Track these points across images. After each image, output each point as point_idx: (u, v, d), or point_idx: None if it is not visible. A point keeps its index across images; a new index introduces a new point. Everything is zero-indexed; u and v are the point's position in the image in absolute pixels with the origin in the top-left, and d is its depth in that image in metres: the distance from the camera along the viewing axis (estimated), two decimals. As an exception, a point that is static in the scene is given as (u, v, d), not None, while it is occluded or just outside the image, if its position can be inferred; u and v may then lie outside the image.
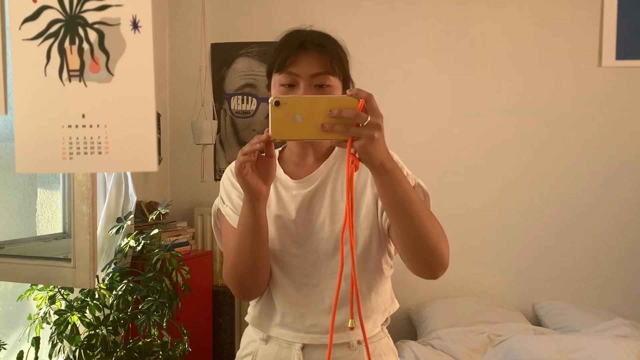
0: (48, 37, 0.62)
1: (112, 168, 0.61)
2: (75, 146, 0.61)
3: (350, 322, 0.99)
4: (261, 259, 1.21)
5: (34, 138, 0.61)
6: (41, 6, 0.61)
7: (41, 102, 0.61)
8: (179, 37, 3.58)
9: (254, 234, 1.16)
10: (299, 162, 1.31)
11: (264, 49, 3.49)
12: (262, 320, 1.31)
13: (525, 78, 3.36)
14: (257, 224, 1.15)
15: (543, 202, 3.36)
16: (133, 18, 0.59)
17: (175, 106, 3.59)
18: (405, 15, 3.41)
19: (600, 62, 3.27)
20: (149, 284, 2.37)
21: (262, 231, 1.17)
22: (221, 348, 3.19)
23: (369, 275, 1.26)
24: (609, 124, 3.32)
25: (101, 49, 0.61)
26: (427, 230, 1.09)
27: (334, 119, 0.95)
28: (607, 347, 2.52)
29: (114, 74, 0.61)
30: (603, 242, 3.33)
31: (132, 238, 2.48)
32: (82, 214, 1.79)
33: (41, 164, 0.62)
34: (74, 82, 0.61)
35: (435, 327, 2.96)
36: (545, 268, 3.37)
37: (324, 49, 1.21)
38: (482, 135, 3.39)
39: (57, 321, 2.19)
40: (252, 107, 3.52)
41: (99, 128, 0.61)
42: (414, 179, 1.24)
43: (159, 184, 3.48)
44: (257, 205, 1.13)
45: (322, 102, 0.96)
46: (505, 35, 3.37)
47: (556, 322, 3.09)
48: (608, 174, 3.32)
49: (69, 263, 1.85)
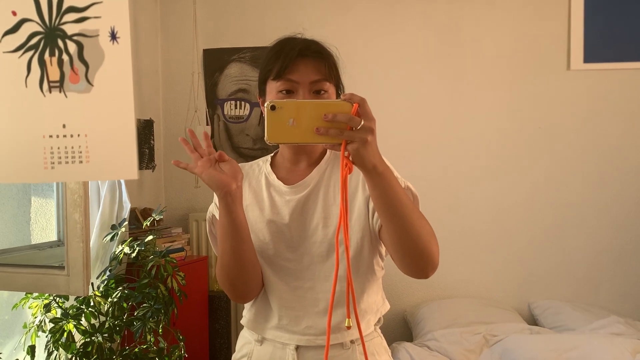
0: (28, 49, 0.63)
1: (93, 176, 0.62)
2: (56, 156, 0.62)
3: (347, 321, 1.01)
4: (245, 259, 1.22)
5: (16, 148, 0.62)
6: (21, 19, 0.62)
7: (22, 112, 0.62)
8: (171, 43, 3.59)
9: (232, 235, 1.18)
10: (291, 167, 1.33)
11: (256, 54, 3.51)
12: (258, 324, 1.33)
13: (512, 81, 3.38)
14: (234, 223, 1.17)
15: (537, 202, 3.37)
16: (111, 29, 0.60)
17: (169, 112, 3.60)
18: (397, 18, 3.43)
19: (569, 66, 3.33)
20: (144, 290, 2.37)
21: (241, 231, 1.19)
22: (217, 353, 3.19)
23: (361, 276, 1.28)
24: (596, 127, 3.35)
25: (80, 60, 0.62)
26: (418, 231, 1.11)
27: (329, 123, 0.96)
28: (602, 345, 2.53)
29: (94, 84, 0.62)
30: (597, 241, 3.35)
31: (126, 245, 2.49)
32: (75, 222, 1.80)
33: (23, 173, 0.63)
34: (55, 92, 0.62)
35: (431, 328, 2.96)
36: (540, 268, 3.38)
37: (322, 56, 1.24)
38: (477, 137, 3.40)
39: (53, 329, 2.19)
40: (245, 112, 3.53)
41: (80, 137, 0.62)
42: (404, 182, 1.26)
43: (153, 190, 3.49)
44: (230, 201, 1.15)
45: (317, 106, 0.98)
46: (490, 39, 3.39)
47: (552, 321, 3.10)
48: (600, 174, 3.34)
49: (62, 271, 1.86)
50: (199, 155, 1.14)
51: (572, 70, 3.33)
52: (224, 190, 1.13)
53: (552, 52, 3.35)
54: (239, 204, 1.17)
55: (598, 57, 3.30)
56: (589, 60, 3.30)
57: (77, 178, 0.61)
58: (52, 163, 0.62)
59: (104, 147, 0.62)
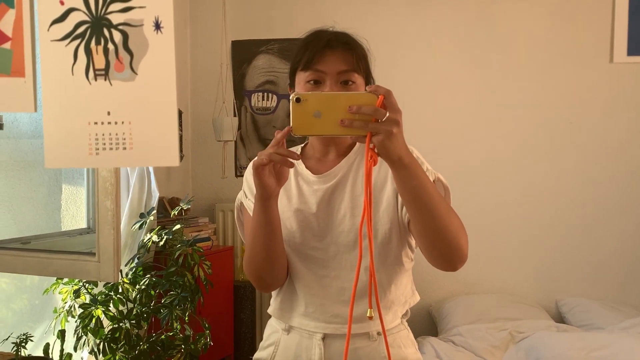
0: (75, 38, 0.64)
1: (136, 163, 0.63)
2: (101, 142, 0.63)
3: (369, 311, 1.01)
4: (275, 252, 1.24)
5: (62, 134, 0.63)
6: (68, 8, 0.63)
7: (69, 100, 0.64)
8: (200, 34, 3.61)
9: (265, 230, 1.20)
10: (320, 158, 1.34)
11: (284, 46, 3.51)
12: (284, 312, 1.34)
13: (545, 75, 3.33)
14: (269, 220, 1.19)
15: (566, 198, 3.33)
16: (155, 19, 0.62)
17: (197, 103, 3.63)
18: (428, 9, 3.40)
19: (612, 58, 3.24)
20: (172, 278, 2.40)
21: (274, 227, 1.20)
22: (242, 342, 3.22)
23: (389, 267, 1.29)
24: (631, 124, 3.28)
25: (125, 49, 0.63)
26: (446, 224, 1.10)
27: (354, 115, 0.96)
28: (632, 345, 2.48)
29: (138, 73, 0.63)
30: (627, 239, 3.29)
31: (154, 233, 2.52)
32: (106, 209, 1.83)
33: (69, 159, 0.65)
34: (100, 80, 0.63)
35: (456, 324, 2.95)
36: (568, 265, 3.34)
37: (350, 47, 1.25)
38: (505, 132, 3.37)
39: (82, 315, 2.23)
40: (273, 104, 3.54)
41: (124, 125, 0.63)
42: (434, 174, 1.26)
43: (181, 180, 3.53)
44: (268, 203, 1.16)
45: (342, 98, 0.98)
46: (525, 32, 3.34)
47: (580, 319, 3.06)
48: (632, 171, 3.28)
49: (93, 257, 1.89)
50: (281, 151, 1.09)
51: (615, 63, 3.25)
52: (268, 192, 1.14)
53: (593, 44, 3.27)
54: (275, 203, 1.19)
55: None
56: (633, 53, 3.20)
57: (121, 164, 0.63)
58: (97, 149, 0.64)
59: (147, 134, 0.63)
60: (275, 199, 1.18)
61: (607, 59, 3.26)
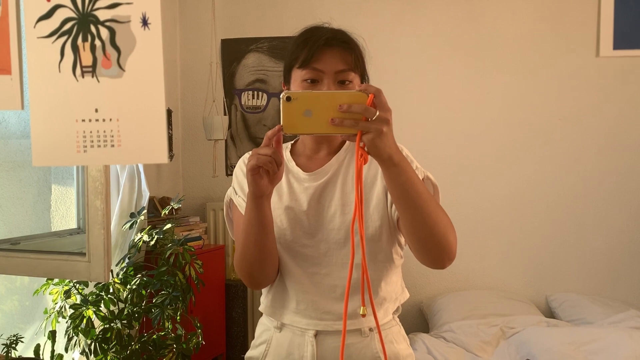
0: (62, 34, 0.64)
1: (124, 160, 0.62)
2: (89, 139, 0.63)
3: (362, 309, 1.01)
4: (267, 250, 1.24)
5: (49, 132, 0.63)
6: (55, 5, 0.63)
7: (56, 97, 0.63)
8: (189, 33, 3.60)
9: (258, 228, 1.19)
10: (311, 155, 1.34)
11: (274, 44, 3.51)
12: (276, 309, 1.34)
13: (532, 71, 3.35)
14: (261, 218, 1.18)
15: (556, 194, 3.35)
16: (143, 15, 0.61)
17: (187, 102, 3.62)
18: (417, 5, 3.41)
19: (598, 52, 3.27)
20: (163, 278, 2.39)
21: (266, 225, 1.20)
22: (234, 341, 3.22)
23: (379, 264, 1.29)
24: (619, 118, 3.31)
25: (112, 45, 0.63)
26: (434, 222, 1.11)
27: (344, 114, 0.97)
28: (620, 339, 2.51)
29: (125, 70, 0.63)
30: (616, 234, 3.32)
31: (145, 233, 2.51)
32: (96, 209, 1.82)
33: (56, 157, 0.64)
34: (87, 77, 0.63)
35: (448, 320, 2.97)
36: (558, 261, 3.36)
37: (349, 46, 1.25)
38: (492, 128, 3.38)
39: (73, 315, 2.22)
40: (263, 102, 3.54)
41: (112, 122, 0.63)
42: (423, 172, 1.27)
43: (171, 179, 3.52)
44: (261, 202, 1.16)
45: (332, 97, 0.98)
46: (511, 27, 3.36)
47: (569, 314, 3.08)
48: (620, 166, 3.31)
49: (83, 257, 1.88)
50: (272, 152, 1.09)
51: (602, 57, 3.27)
52: (261, 191, 1.13)
53: (580, 39, 3.29)
54: (268, 202, 1.18)
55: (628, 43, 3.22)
56: (619, 46, 3.22)
57: (109, 161, 0.62)
58: (85, 147, 0.63)
59: (135, 132, 0.63)
60: (269, 197, 1.17)
61: (593, 53, 3.28)
